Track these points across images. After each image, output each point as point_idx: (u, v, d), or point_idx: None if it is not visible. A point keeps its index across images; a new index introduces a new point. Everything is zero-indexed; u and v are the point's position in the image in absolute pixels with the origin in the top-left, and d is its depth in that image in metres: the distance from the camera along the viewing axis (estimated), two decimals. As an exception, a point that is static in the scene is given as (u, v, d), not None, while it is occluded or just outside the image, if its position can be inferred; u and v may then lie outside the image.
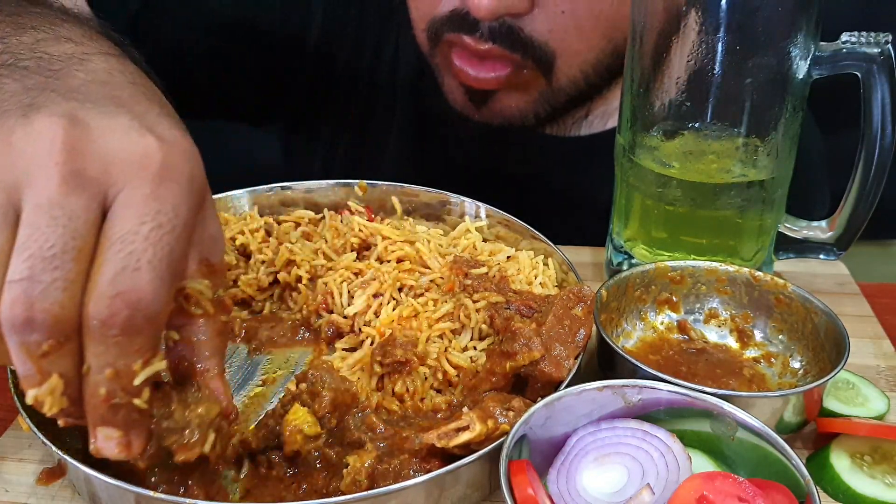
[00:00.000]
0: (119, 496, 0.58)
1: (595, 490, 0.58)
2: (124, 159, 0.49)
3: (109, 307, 0.47)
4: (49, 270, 0.46)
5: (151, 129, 0.51)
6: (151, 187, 0.49)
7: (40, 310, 0.46)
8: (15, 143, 0.49)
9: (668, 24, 0.75)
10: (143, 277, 0.48)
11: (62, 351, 0.48)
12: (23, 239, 0.47)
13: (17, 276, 0.46)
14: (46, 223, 0.47)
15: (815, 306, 0.73)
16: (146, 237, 0.48)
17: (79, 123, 0.49)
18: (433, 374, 0.70)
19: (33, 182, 0.48)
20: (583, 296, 0.70)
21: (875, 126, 0.76)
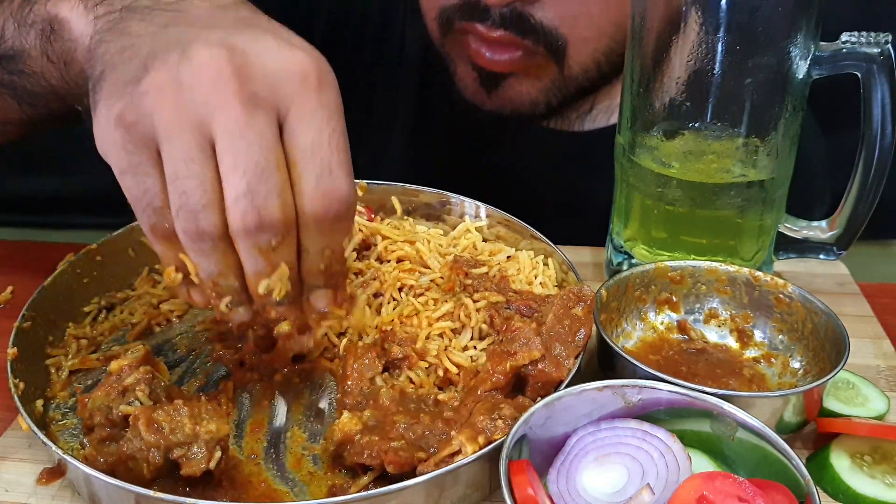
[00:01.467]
0: (119, 496, 0.58)
1: (595, 490, 0.58)
2: (286, 76, 0.55)
3: (322, 206, 0.56)
4: (263, 182, 0.54)
5: (293, 43, 0.57)
6: (316, 97, 0.56)
7: (266, 214, 0.54)
8: (184, 81, 0.53)
9: (668, 23, 0.75)
10: (338, 176, 0.56)
11: (285, 243, 0.57)
12: (231, 163, 0.54)
13: (240, 192, 0.54)
14: (245, 146, 0.53)
15: (815, 306, 0.73)
16: (328, 143, 0.56)
17: (236, 50, 0.54)
18: (434, 372, 0.70)
19: (217, 112, 0.53)
20: (583, 296, 0.70)
21: (875, 126, 0.76)
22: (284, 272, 0.58)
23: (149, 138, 0.55)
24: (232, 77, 0.53)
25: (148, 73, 0.54)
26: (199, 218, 0.55)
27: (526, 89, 0.97)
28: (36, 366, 0.73)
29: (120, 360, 0.65)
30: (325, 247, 0.59)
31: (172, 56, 0.54)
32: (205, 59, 0.54)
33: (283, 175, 0.55)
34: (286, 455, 0.67)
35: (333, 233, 0.58)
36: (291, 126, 0.56)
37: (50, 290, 0.77)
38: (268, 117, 0.55)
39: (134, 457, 0.58)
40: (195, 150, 0.54)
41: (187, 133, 0.54)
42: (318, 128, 0.56)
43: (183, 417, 0.59)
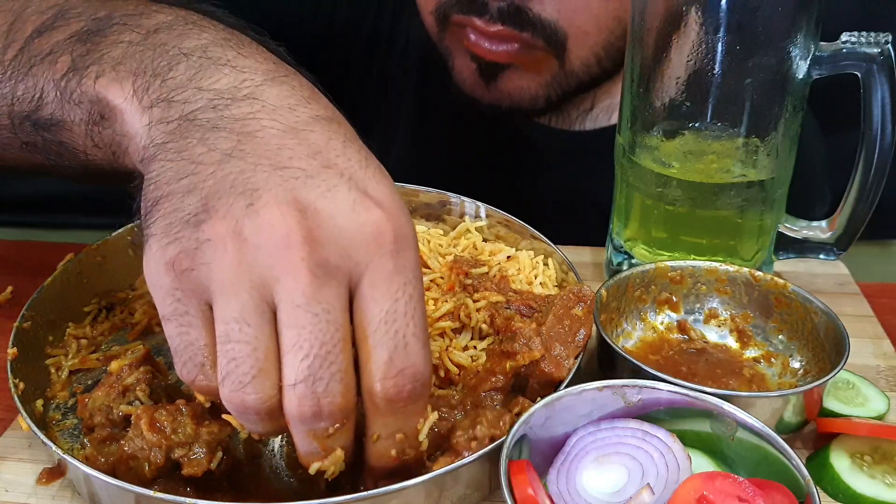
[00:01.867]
0: (119, 496, 0.58)
1: (595, 490, 0.58)
2: (360, 241, 0.50)
3: (395, 386, 0.51)
4: (326, 367, 0.49)
5: (368, 193, 0.51)
6: (392, 263, 0.50)
7: (326, 403, 0.50)
8: (249, 238, 0.49)
9: (668, 23, 0.75)
10: (413, 351, 0.51)
11: (343, 429, 0.52)
12: (293, 340, 0.49)
13: (300, 378, 0.49)
14: (311, 322, 0.49)
15: (815, 306, 0.73)
16: (404, 313, 0.51)
17: (307, 211, 0.49)
18: (434, 372, 0.70)
19: (282, 280, 0.49)
20: (583, 296, 0.70)
21: (875, 126, 0.76)
22: (339, 457, 0.54)
23: (202, 290, 0.50)
24: (302, 242, 0.49)
25: (210, 218, 0.50)
26: (246, 391, 0.50)
27: (526, 83, 0.97)
28: (36, 366, 0.73)
29: (120, 359, 0.65)
30: (398, 430, 0.54)
31: (238, 205, 0.50)
32: (275, 217, 0.49)
33: (349, 356, 0.51)
34: (286, 455, 0.66)
35: (407, 414, 0.53)
36: (363, 294, 0.51)
37: (50, 290, 0.77)
38: (338, 288, 0.50)
39: (135, 456, 0.58)
40: (252, 314, 0.49)
41: (245, 293, 0.49)
42: (393, 296, 0.51)
43: (185, 417, 0.59)
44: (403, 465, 0.57)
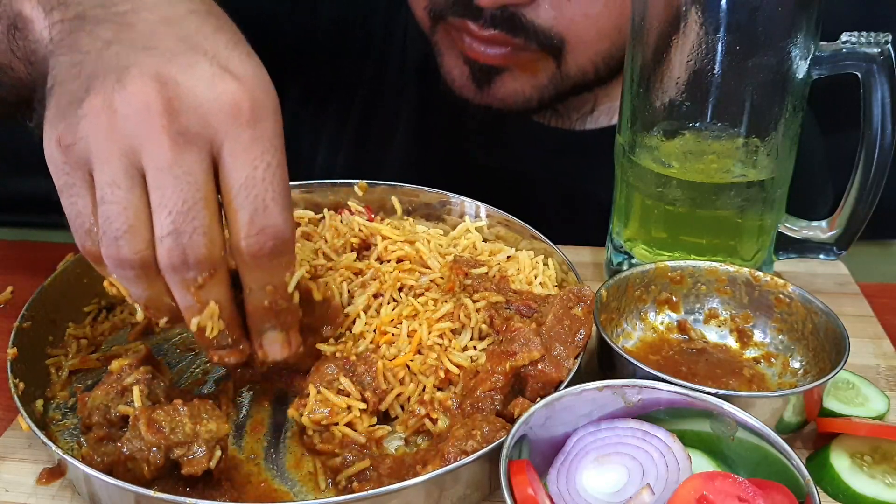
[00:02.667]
0: (119, 496, 0.58)
1: (595, 490, 0.58)
2: (218, 110, 0.55)
3: (257, 243, 0.57)
4: (189, 221, 0.55)
5: (229, 68, 0.56)
6: (249, 132, 0.55)
7: (191, 253, 0.55)
8: (118, 110, 0.54)
9: (668, 23, 0.75)
10: (273, 213, 0.57)
11: (213, 281, 0.58)
12: (158, 199, 0.55)
13: (166, 231, 0.55)
14: (172, 183, 0.54)
15: (815, 306, 0.73)
16: (262, 178, 0.56)
17: (168, 84, 0.54)
18: (434, 373, 0.70)
19: (146, 146, 0.54)
20: (583, 296, 0.70)
21: (875, 126, 0.76)
22: (214, 310, 0.59)
23: (83, 161, 0.55)
24: (162, 111, 0.54)
25: (87, 96, 0.55)
26: (119, 244, 0.55)
27: (520, 86, 0.97)
28: (36, 366, 0.73)
29: (121, 359, 0.65)
30: (267, 283, 0.60)
31: (109, 81, 0.55)
32: (137, 89, 0.54)
33: (212, 212, 0.56)
34: (286, 455, 0.67)
35: (273, 269, 0.59)
36: (224, 162, 0.56)
37: (50, 290, 0.77)
38: (199, 153, 0.55)
39: (134, 457, 0.58)
40: (121, 177, 0.55)
41: (116, 160, 0.54)
42: (251, 163, 0.56)
43: (183, 417, 0.59)
44: (281, 323, 0.62)
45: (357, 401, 0.67)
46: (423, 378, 0.70)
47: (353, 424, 0.66)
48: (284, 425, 0.69)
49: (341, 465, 0.63)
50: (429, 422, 0.67)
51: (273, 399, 0.72)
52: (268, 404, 0.72)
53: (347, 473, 0.63)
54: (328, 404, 0.66)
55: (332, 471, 0.64)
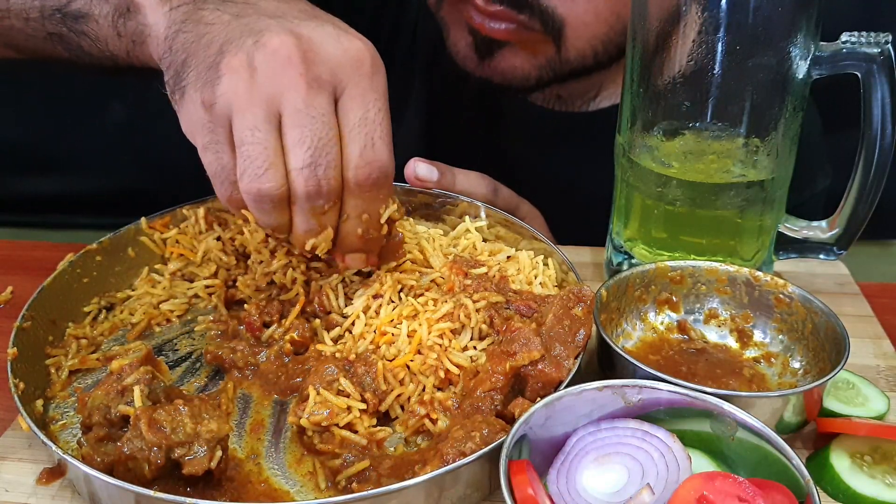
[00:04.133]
0: (119, 496, 0.58)
1: (595, 490, 0.58)
2: (345, 62, 0.64)
3: (364, 173, 0.65)
4: (324, 155, 0.63)
5: (350, 32, 0.66)
6: (368, 81, 0.65)
7: (325, 183, 0.64)
8: (257, 64, 0.62)
9: (668, 23, 0.75)
10: (379, 149, 0.65)
11: (334, 208, 0.67)
12: (297, 136, 0.63)
13: (305, 163, 0.63)
14: (310, 122, 0.63)
15: (815, 306, 0.73)
16: (374, 120, 0.65)
17: (302, 38, 0.63)
18: (434, 373, 0.70)
19: (286, 91, 0.62)
20: (583, 296, 0.70)
21: (875, 126, 0.76)
22: (329, 234, 0.68)
23: (225, 117, 0.63)
24: (300, 61, 0.62)
25: (224, 56, 0.63)
26: (262, 180, 0.63)
27: (520, 63, 0.99)
28: (36, 366, 0.73)
29: (121, 359, 0.65)
30: (364, 211, 0.68)
31: (247, 42, 0.63)
32: (276, 44, 0.62)
33: (338, 149, 0.64)
34: (286, 455, 0.67)
35: (373, 200, 0.67)
36: (344, 104, 0.64)
37: (50, 290, 0.77)
38: (328, 97, 0.63)
39: (134, 457, 0.59)
40: (261, 121, 0.62)
41: (256, 107, 0.62)
42: (366, 105, 0.64)
43: (184, 417, 0.59)
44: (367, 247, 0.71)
45: (357, 401, 0.67)
46: (423, 378, 0.70)
47: (352, 425, 0.66)
48: (285, 425, 0.69)
49: (341, 465, 0.63)
50: (429, 422, 0.67)
51: (273, 399, 0.72)
52: (268, 404, 0.72)
53: (347, 474, 0.63)
54: (328, 405, 0.66)
55: (332, 471, 0.64)
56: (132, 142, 1.38)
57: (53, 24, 0.79)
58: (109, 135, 1.38)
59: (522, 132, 1.12)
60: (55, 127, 1.42)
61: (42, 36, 0.81)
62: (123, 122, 1.37)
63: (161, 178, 1.29)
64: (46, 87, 1.32)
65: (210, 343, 0.77)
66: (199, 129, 0.65)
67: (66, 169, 1.42)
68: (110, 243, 0.84)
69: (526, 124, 1.12)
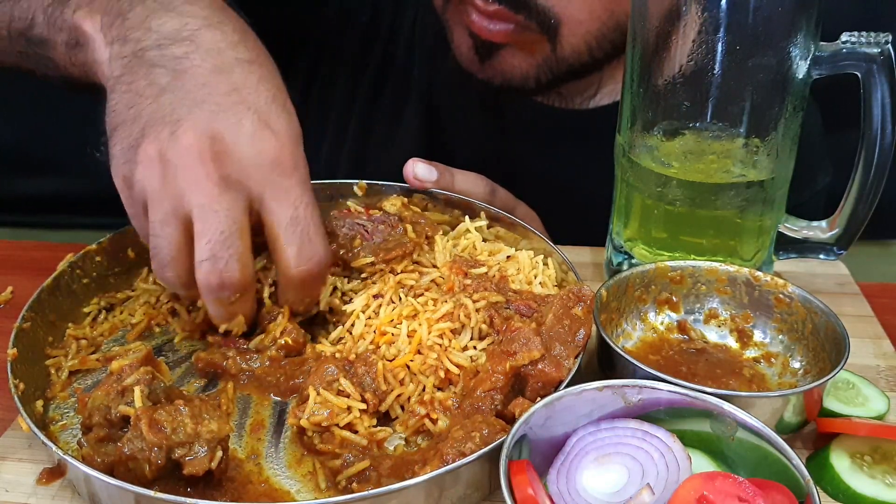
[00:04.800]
0: (119, 496, 0.58)
1: (595, 490, 0.58)
2: (260, 162, 0.66)
3: (306, 270, 0.69)
4: (225, 249, 0.65)
5: (270, 124, 0.67)
6: (289, 180, 0.66)
7: (227, 277, 0.66)
8: (171, 160, 0.64)
9: (668, 23, 0.75)
10: (316, 243, 0.68)
11: (244, 299, 0.69)
12: (199, 229, 0.64)
13: (205, 256, 0.65)
14: (213, 216, 0.64)
15: (815, 306, 0.73)
16: (304, 216, 0.67)
17: (216, 138, 0.64)
18: (434, 373, 0.70)
19: (194, 189, 0.64)
20: (583, 296, 0.70)
21: (875, 126, 0.76)
22: (241, 321, 0.71)
23: (141, 202, 0.66)
24: (210, 160, 0.64)
25: (144, 141, 0.65)
26: (165, 270, 0.67)
27: (518, 62, 0.99)
28: (36, 366, 0.73)
29: (121, 359, 0.65)
30: (306, 297, 0.73)
31: (164, 133, 0.64)
32: (190, 141, 0.64)
33: (246, 243, 0.66)
34: (286, 455, 0.67)
35: (313, 287, 0.72)
36: (269, 206, 0.66)
37: (50, 290, 0.77)
38: (237, 195, 0.65)
39: (135, 457, 0.59)
40: (170, 217, 0.65)
41: (166, 202, 0.65)
42: (293, 205, 0.67)
43: (184, 417, 0.59)
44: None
45: (357, 402, 0.67)
46: (423, 378, 0.70)
47: (353, 425, 0.66)
48: (285, 425, 0.69)
49: (341, 465, 0.63)
50: (429, 422, 0.67)
51: (273, 399, 0.72)
52: (268, 404, 0.72)
53: (347, 474, 0.63)
54: (328, 405, 0.66)
55: (332, 471, 0.64)
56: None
57: (21, 45, 0.83)
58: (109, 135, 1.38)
59: (523, 131, 1.13)
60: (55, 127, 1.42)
61: (14, 53, 0.84)
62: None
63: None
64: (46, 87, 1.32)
65: (200, 349, 0.77)
66: (123, 199, 0.69)
67: (66, 169, 1.42)
68: (110, 243, 0.84)
69: (526, 122, 1.12)
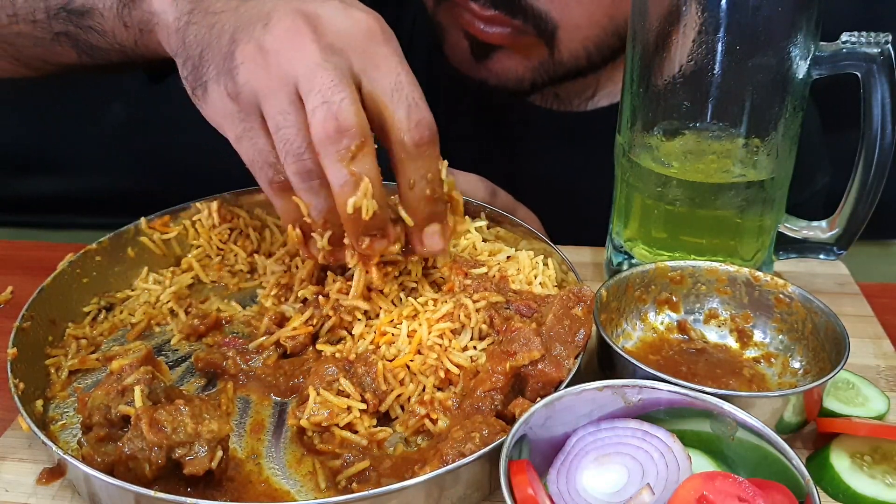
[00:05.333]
0: (119, 496, 0.58)
1: (595, 490, 0.58)
2: (356, 33, 0.64)
3: (418, 133, 0.65)
4: (337, 93, 0.62)
5: (355, 6, 0.66)
6: (386, 48, 0.65)
7: (342, 118, 0.62)
8: (271, 48, 0.63)
9: (668, 23, 0.75)
10: (421, 107, 0.65)
11: (365, 151, 0.63)
12: (308, 88, 0.62)
13: (317, 105, 0.62)
14: (321, 72, 0.62)
15: (815, 306, 0.73)
16: (406, 82, 0.65)
17: (310, 15, 0.64)
18: (434, 373, 0.70)
19: (299, 63, 0.62)
20: (583, 296, 0.70)
21: (875, 126, 0.76)
22: (367, 187, 0.64)
23: (252, 104, 0.64)
24: (309, 33, 0.63)
25: (238, 45, 0.64)
26: (303, 159, 0.63)
27: (514, 65, 0.99)
28: (36, 366, 0.73)
29: (121, 359, 0.65)
30: (427, 171, 0.67)
31: (257, 28, 0.64)
32: (286, 25, 0.63)
33: (354, 92, 0.63)
34: (286, 455, 0.67)
35: (431, 158, 0.67)
36: (370, 75, 0.64)
37: (50, 290, 0.77)
38: (341, 58, 0.63)
39: (135, 457, 0.59)
40: (286, 103, 0.63)
41: (279, 90, 0.63)
42: (395, 71, 0.65)
43: (184, 417, 0.59)
44: (437, 212, 0.69)
45: (357, 402, 0.67)
46: (423, 378, 0.70)
47: (352, 425, 0.66)
48: (285, 425, 0.69)
49: (341, 465, 0.63)
50: (429, 422, 0.67)
51: (273, 399, 0.72)
52: (268, 405, 0.72)
53: (347, 474, 0.63)
54: (328, 405, 0.66)
55: (332, 471, 0.64)
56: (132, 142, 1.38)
57: (60, 22, 0.80)
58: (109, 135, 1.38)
59: (521, 132, 1.13)
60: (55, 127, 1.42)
61: (49, 37, 0.82)
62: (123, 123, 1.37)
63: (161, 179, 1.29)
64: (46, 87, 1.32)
65: (199, 349, 0.77)
66: (228, 121, 0.66)
67: (66, 169, 1.42)
68: (110, 243, 0.84)
69: (525, 124, 1.12)
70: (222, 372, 0.74)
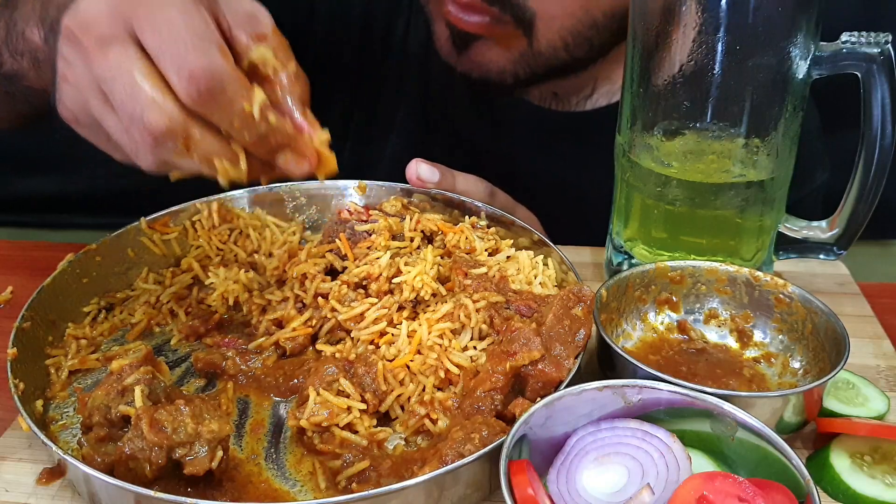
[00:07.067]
0: (119, 496, 0.58)
1: (595, 490, 0.58)
2: None
3: (191, 87, 0.59)
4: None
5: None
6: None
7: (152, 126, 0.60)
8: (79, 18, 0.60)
9: (668, 23, 0.75)
10: (190, 59, 0.59)
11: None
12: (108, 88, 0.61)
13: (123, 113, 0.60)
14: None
15: (815, 306, 0.73)
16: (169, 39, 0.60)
17: None
18: (434, 373, 0.70)
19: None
20: (583, 296, 0.70)
21: (875, 126, 0.76)
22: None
23: (87, 72, 0.63)
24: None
25: (58, 34, 0.63)
26: (150, 110, 0.60)
27: (495, 56, 0.99)
28: (36, 366, 0.73)
29: (121, 359, 0.65)
30: (230, 119, 0.61)
31: (70, 11, 0.61)
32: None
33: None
34: (286, 455, 0.67)
35: (223, 105, 0.61)
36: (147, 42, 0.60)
37: (50, 290, 0.77)
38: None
39: (135, 457, 0.59)
40: (114, 44, 0.60)
41: (101, 32, 0.60)
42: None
43: (185, 417, 0.59)
44: (276, 146, 0.64)
45: (357, 402, 0.67)
46: (423, 378, 0.70)
47: (353, 425, 0.66)
48: (285, 425, 0.69)
49: (341, 466, 0.63)
50: (429, 422, 0.67)
51: (273, 400, 0.72)
52: (268, 405, 0.72)
53: (347, 474, 0.63)
54: (328, 406, 0.66)
55: (332, 471, 0.64)
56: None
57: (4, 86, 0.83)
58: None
59: (521, 133, 1.13)
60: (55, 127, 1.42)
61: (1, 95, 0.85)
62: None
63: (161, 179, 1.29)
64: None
65: (199, 350, 0.77)
66: (76, 105, 0.67)
67: (66, 169, 1.42)
68: (110, 243, 0.84)
69: (523, 124, 1.12)
70: (222, 372, 0.74)
